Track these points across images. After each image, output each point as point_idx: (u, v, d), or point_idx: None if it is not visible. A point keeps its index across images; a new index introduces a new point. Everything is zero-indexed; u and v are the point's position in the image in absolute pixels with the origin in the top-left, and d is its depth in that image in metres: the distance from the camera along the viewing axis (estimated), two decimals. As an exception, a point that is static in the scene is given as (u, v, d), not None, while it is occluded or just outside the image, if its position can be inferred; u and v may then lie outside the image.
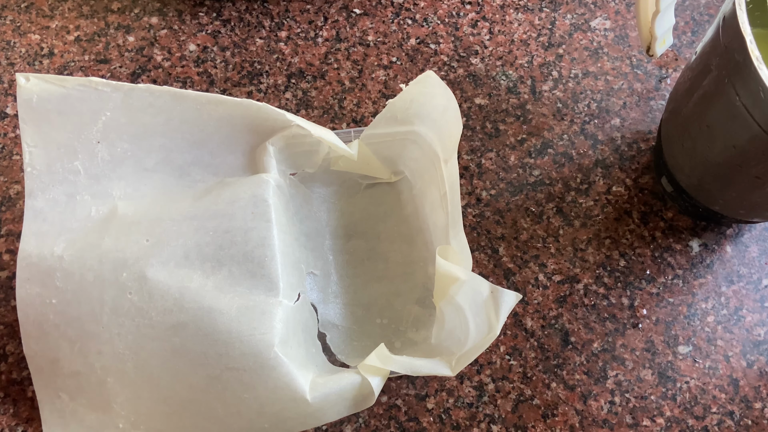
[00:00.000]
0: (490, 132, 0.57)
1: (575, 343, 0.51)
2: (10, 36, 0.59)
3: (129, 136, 0.45)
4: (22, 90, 0.43)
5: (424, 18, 0.60)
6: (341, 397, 0.41)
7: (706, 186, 0.50)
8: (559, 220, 0.54)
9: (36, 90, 0.43)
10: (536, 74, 0.58)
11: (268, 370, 0.40)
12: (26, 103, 0.43)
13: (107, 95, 0.44)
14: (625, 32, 0.60)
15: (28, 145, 0.44)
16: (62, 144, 0.44)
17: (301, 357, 0.43)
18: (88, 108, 0.44)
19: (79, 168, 0.44)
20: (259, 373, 0.40)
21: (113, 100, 0.44)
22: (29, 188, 0.44)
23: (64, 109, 0.44)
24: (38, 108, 0.43)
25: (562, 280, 0.53)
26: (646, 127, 0.57)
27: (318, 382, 0.41)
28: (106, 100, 0.44)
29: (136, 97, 0.44)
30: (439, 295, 0.44)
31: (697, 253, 0.54)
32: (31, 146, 0.44)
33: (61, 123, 0.44)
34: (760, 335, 0.52)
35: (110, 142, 0.44)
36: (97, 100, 0.44)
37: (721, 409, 0.50)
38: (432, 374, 0.41)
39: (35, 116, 0.44)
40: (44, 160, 0.44)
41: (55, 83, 0.44)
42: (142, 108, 0.45)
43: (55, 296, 0.42)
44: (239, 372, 0.40)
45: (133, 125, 0.45)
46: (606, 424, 0.49)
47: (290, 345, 0.42)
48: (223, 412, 0.41)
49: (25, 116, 0.43)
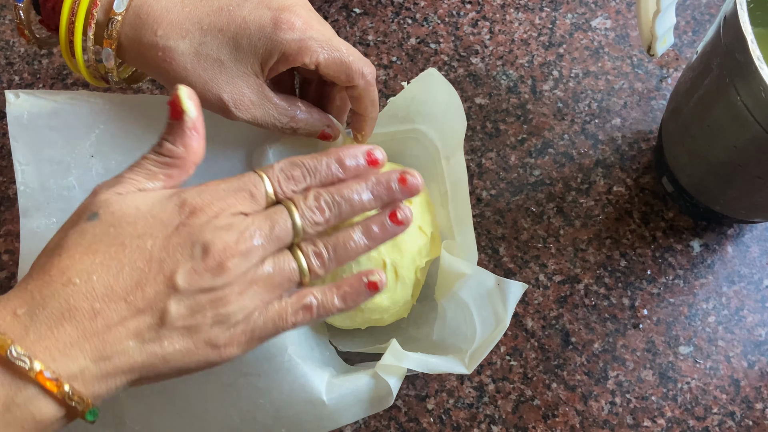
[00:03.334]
0: (490, 132, 0.57)
1: (576, 343, 0.51)
2: (10, 36, 0.59)
3: (123, 149, 0.44)
4: (11, 107, 0.43)
5: (424, 17, 0.60)
6: (358, 397, 0.41)
7: (707, 186, 0.50)
8: (559, 220, 0.54)
9: (26, 106, 0.43)
10: (537, 74, 0.58)
11: (282, 373, 0.40)
12: (17, 120, 0.43)
13: (99, 108, 0.44)
14: (625, 32, 0.60)
15: (21, 163, 0.43)
16: (55, 160, 0.43)
17: (315, 359, 0.42)
18: (81, 122, 0.44)
19: (74, 183, 0.43)
20: (274, 377, 0.40)
21: (106, 113, 0.44)
22: (24, 207, 0.43)
23: (56, 124, 0.43)
24: (29, 125, 0.43)
25: (563, 280, 0.53)
26: (647, 127, 0.57)
27: (334, 383, 0.41)
28: (99, 113, 0.44)
29: (129, 109, 0.44)
30: (443, 290, 0.44)
31: (698, 253, 0.54)
32: (24, 164, 0.43)
33: (54, 138, 0.43)
34: (761, 336, 0.52)
35: (104, 155, 0.44)
36: (89, 114, 0.44)
37: (722, 410, 0.50)
38: (447, 372, 0.41)
39: (26, 133, 0.43)
40: (37, 178, 0.43)
41: (45, 98, 0.43)
42: (135, 119, 0.44)
43: None
44: (253, 377, 0.40)
45: (127, 137, 0.44)
46: (607, 424, 0.49)
47: (304, 347, 0.42)
48: (238, 419, 0.40)
49: (16, 134, 0.43)
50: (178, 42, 0.38)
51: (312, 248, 0.35)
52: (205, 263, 0.31)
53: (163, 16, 0.38)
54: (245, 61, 0.39)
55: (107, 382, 0.31)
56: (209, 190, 0.33)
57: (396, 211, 0.36)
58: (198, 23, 0.39)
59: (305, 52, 0.39)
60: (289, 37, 0.38)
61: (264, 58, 0.39)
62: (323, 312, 0.35)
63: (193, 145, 0.34)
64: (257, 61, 0.39)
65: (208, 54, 0.39)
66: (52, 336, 0.29)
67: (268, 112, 0.41)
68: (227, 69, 0.39)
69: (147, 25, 0.38)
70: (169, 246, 0.31)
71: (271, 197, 0.34)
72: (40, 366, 0.29)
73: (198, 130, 0.34)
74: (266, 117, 0.41)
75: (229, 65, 0.39)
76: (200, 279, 0.31)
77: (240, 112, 0.40)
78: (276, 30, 0.38)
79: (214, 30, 0.39)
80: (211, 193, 0.33)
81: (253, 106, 0.40)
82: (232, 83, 0.39)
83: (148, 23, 0.38)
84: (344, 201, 0.35)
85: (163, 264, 0.31)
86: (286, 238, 0.34)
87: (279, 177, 0.34)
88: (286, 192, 0.34)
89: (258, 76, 0.40)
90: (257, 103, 0.40)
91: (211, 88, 0.39)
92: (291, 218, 0.34)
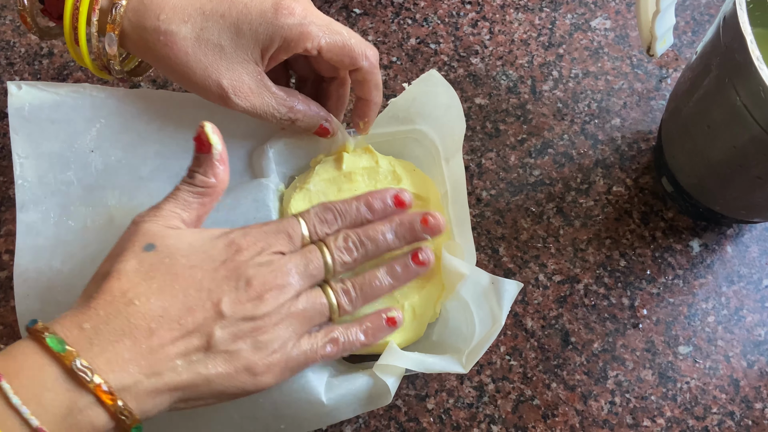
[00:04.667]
0: (490, 132, 0.57)
1: (575, 343, 0.51)
2: (10, 36, 0.59)
3: (123, 144, 0.44)
4: (13, 99, 0.42)
5: (424, 18, 0.60)
6: (356, 397, 0.41)
7: (706, 186, 0.50)
8: (559, 220, 0.54)
9: (28, 98, 0.42)
10: (536, 74, 0.58)
11: None
12: (17, 112, 0.42)
13: (102, 101, 0.44)
14: (625, 32, 0.60)
15: (20, 156, 0.42)
16: (55, 154, 0.43)
17: None
18: (82, 116, 0.43)
19: (72, 178, 0.43)
20: None
21: (108, 107, 0.44)
22: (21, 201, 0.42)
23: (57, 117, 0.43)
24: (30, 117, 0.43)
25: (563, 280, 0.53)
26: (647, 127, 0.57)
27: (333, 383, 0.41)
28: (100, 107, 0.44)
29: (131, 103, 0.44)
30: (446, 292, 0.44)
31: (697, 253, 0.54)
32: (23, 157, 0.42)
33: (54, 132, 0.43)
34: (760, 335, 0.52)
35: (104, 151, 0.44)
36: (90, 108, 0.43)
37: (721, 410, 0.50)
38: (444, 371, 0.41)
39: (27, 126, 0.43)
40: (36, 172, 0.43)
41: (48, 90, 0.43)
42: (137, 114, 0.44)
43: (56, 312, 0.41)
44: None
45: (128, 132, 0.44)
46: (606, 424, 0.49)
47: None
48: (238, 417, 0.41)
49: (16, 126, 0.42)
50: (180, 26, 0.39)
51: (341, 287, 0.39)
52: (248, 294, 0.35)
53: (166, 1, 0.39)
54: (246, 47, 0.39)
55: (154, 398, 0.33)
56: (253, 232, 0.37)
57: (418, 252, 0.40)
58: (200, 8, 0.39)
59: (306, 37, 0.39)
60: (291, 22, 0.39)
61: (265, 44, 0.39)
62: (348, 347, 0.38)
63: (222, 175, 0.37)
64: (258, 47, 0.40)
65: (209, 39, 0.39)
66: (112, 350, 0.32)
67: (267, 101, 0.41)
68: (228, 55, 0.39)
69: (150, 10, 0.39)
70: (217, 278, 0.35)
71: (307, 239, 0.38)
72: (99, 380, 0.31)
73: (224, 161, 0.37)
74: (265, 106, 0.41)
75: (230, 51, 0.39)
76: (243, 308, 0.35)
77: (239, 99, 0.40)
78: (277, 15, 0.39)
79: (216, 15, 0.39)
80: (254, 234, 0.37)
81: (252, 94, 0.40)
82: (232, 69, 0.40)
83: (152, 8, 0.39)
84: (370, 241, 0.39)
85: (211, 293, 0.34)
86: (319, 276, 0.38)
87: (314, 221, 0.39)
88: (320, 234, 0.39)
89: (258, 64, 0.40)
90: (256, 91, 0.40)
91: (211, 74, 0.39)
92: (323, 258, 0.38)
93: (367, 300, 0.39)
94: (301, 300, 0.37)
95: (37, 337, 0.32)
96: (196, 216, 0.37)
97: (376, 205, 0.40)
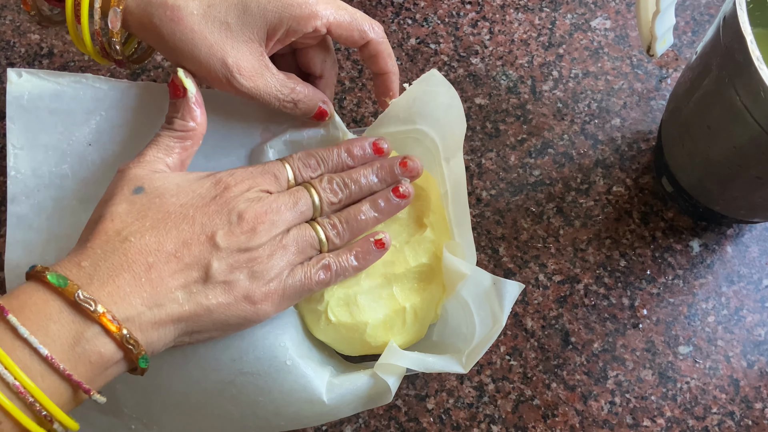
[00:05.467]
0: (490, 132, 0.57)
1: (575, 343, 0.51)
2: (10, 36, 0.59)
3: (121, 138, 0.43)
4: (12, 86, 0.41)
5: (424, 18, 0.60)
6: (357, 396, 0.41)
7: (706, 186, 0.50)
8: (559, 220, 0.54)
9: (28, 87, 0.41)
10: (536, 74, 0.58)
11: (284, 373, 0.40)
12: (16, 101, 0.41)
13: (104, 93, 0.43)
14: (625, 32, 0.60)
15: (14, 147, 0.42)
16: (51, 146, 0.42)
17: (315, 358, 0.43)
18: (82, 107, 0.42)
19: (68, 172, 0.42)
20: (275, 376, 0.40)
21: (109, 99, 0.43)
22: (12, 193, 0.41)
23: (56, 107, 0.42)
24: (29, 106, 0.42)
25: (563, 280, 0.53)
26: (647, 127, 0.57)
27: (334, 383, 0.41)
28: (102, 98, 0.43)
29: (134, 96, 0.44)
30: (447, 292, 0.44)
31: (697, 254, 0.54)
32: (17, 148, 0.42)
33: (52, 123, 0.42)
34: (760, 335, 0.52)
35: (101, 145, 0.43)
36: (92, 99, 0.43)
37: (721, 410, 0.50)
38: (444, 371, 0.41)
39: (25, 115, 0.42)
40: (30, 164, 0.42)
41: (48, 79, 0.42)
42: (138, 107, 0.43)
43: None
44: (254, 376, 0.40)
45: (127, 126, 0.43)
46: (606, 424, 0.49)
47: (303, 347, 0.42)
48: (238, 413, 0.41)
49: (13, 115, 0.41)
50: (187, 1, 0.38)
51: (328, 221, 0.40)
52: (241, 227, 0.36)
53: None
54: (252, 25, 0.39)
55: (158, 330, 0.34)
56: (239, 171, 0.38)
57: (398, 186, 0.42)
58: None
59: (315, 15, 0.39)
60: (300, 0, 0.39)
61: (273, 24, 0.39)
62: (341, 271, 0.39)
63: (200, 118, 0.39)
64: (264, 27, 0.39)
65: (216, 16, 0.39)
66: (113, 284, 0.33)
67: (270, 83, 0.41)
68: (233, 33, 0.39)
69: None
70: (209, 212, 0.36)
71: (292, 182, 0.40)
72: (102, 308, 0.32)
73: (200, 104, 0.39)
74: (268, 87, 0.41)
75: (236, 29, 0.39)
76: (237, 240, 0.36)
77: (243, 78, 0.40)
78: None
79: None
80: (241, 173, 0.38)
81: (256, 74, 0.40)
82: (236, 48, 0.39)
83: None
84: (353, 183, 0.41)
85: (204, 227, 0.36)
86: (308, 213, 0.39)
87: (298, 165, 0.40)
88: (305, 177, 0.41)
89: (261, 44, 0.40)
90: (259, 72, 0.40)
91: (216, 52, 0.39)
92: (311, 198, 0.39)
93: (354, 234, 0.41)
94: (292, 233, 0.38)
95: (39, 277, 0.33)
96: (179, 160, 0.38)
97: (356, 152, 0.42)
